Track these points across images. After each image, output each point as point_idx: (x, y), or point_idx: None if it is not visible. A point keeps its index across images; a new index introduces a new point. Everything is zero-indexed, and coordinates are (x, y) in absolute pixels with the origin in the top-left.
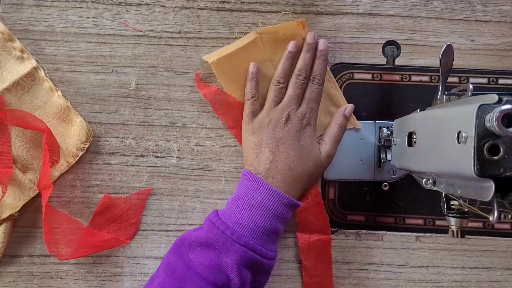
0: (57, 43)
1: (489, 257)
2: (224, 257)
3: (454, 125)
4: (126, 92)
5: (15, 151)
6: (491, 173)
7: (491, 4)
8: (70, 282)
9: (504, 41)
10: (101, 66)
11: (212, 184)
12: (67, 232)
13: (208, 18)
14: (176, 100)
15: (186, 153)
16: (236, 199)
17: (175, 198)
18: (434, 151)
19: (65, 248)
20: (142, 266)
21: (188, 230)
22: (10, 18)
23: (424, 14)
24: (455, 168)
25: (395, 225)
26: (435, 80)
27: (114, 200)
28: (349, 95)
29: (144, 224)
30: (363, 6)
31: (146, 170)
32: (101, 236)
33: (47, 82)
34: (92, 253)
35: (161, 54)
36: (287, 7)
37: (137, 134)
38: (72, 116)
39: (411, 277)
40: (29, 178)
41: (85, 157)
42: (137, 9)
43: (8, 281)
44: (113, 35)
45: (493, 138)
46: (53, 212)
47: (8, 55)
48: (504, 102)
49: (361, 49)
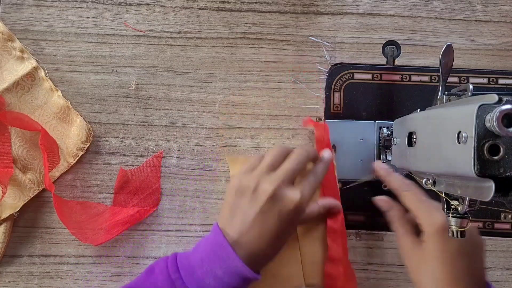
0: (57, 43)
1: (489, 257)
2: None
3: (454, 125)
4: (126, 92)
5: (15, 151)
6: (491, 173)
7: (491, 4)
8: (70, 282)
9: (504, 41)
10: (101, 66)
11: (212, 184)
12: (91, 218)
13: (208, 18)
14: (176, 100)
15: (186, 153)
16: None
17: (175, 198)
18: (434, 151)
19: (95, 233)
20: (142, 266)
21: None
22: (10, 18)
23: (424, 14)
24: (455, 168)
25: None
26: (435, 80)
27: (129, 173)
28: (349, 95)
29: (144, 224)
30: (363, 6)
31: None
32: (127, 211)
33: (47, 82)
34: (125, 229)
35: (161, 54)
36: (287, 7)
37: (137, 134)
38: (72, 116)
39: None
40: (29, 178)
41: (85, 157)
42: (137, 9)
43: (8, 281)
44: (113, 35)
45: (493, 138)
46: (65, 205)
47: (8, 55)
48: (504, 102)
49: (361, 49)
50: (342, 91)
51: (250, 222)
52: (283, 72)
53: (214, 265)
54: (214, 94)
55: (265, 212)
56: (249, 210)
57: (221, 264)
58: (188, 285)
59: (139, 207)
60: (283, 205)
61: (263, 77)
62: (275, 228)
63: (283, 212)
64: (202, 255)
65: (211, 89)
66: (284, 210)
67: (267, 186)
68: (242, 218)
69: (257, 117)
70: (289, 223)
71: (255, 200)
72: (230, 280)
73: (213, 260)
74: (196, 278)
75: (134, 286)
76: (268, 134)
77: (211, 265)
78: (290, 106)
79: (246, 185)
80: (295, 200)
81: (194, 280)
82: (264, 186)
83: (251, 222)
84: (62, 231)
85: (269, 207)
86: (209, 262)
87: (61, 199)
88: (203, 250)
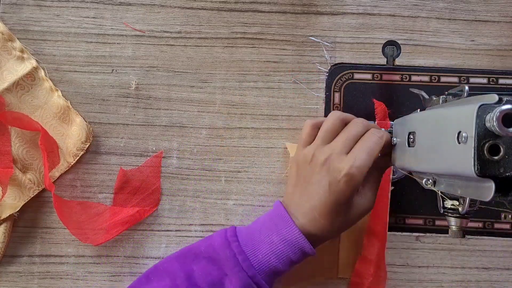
0: (57, 43)
1: (489, 257)
2: (227, 279)
3: (454, 125)
4: (126, 92)
5: (15, 151)
6: (491, 173)
7: (491, 4)
8: (70, 282)
9: (504, 41)
10: (101, 66)
11: (212, 184)
12: (91, 218)
13: (208, 18)
14: (176, 100)
15: (186, 153)
16: (260, 229)
17: (175, 198)
18: (434, 151)
19: (95, 233)
20: (142, 266)
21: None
22: (10, 18)
23: (424, 14)
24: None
25: (395, 225)
26: (435, 80)
27: (129, 173)
28: (349, 95)
29: (144, 224)
30: (363, 6)
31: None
32: (127, 211)
33: (47, 82)
34: (125, 229)
35: (161, 54)
36: (287, 7)
37: (137, 134)
38: (72, 116)
39: (411, 277)
40: (29, 178)
41: (85, 157)
42: (137, 9)
43: (8, 281)
44: (113, 35)
45: (493, 138)
46: (65, 205)
47: (8, 55)
48: (504, 102)
49: (361, 49)
50: (342, 91)
51: (306, 194)
52: (283, 72)
53: (272, 233)
54: (214, 94)
55: (318, 183)
56: (305, 182)
57: (279, 232)
58: (244, 248)
59: (139, 207)
60: (333, 175)
61: (263, 77)
62: (327, 199)
63: (333, 183)
64: (261, 225)
65: (211, 89)
66: (333, 181)
67: (320, 156)
68: (301, 190)
69: (257, 117)
70: (341, 194)
71: (310, 171)
72: (285, 248)
73: (271, 229)
74: (252, 242)
75: (191, 247)
76: (268, 134)
77: (269, 233)
78: (290, 106)
79: (302, 159)
80: (343, 170)
81: (250, 244)
82: (317, 157)
83: (307, 194)
84: (62, 231)
85: (321, 178)
86: (267, 230)
87: (61, 199)
88: (262, 221)
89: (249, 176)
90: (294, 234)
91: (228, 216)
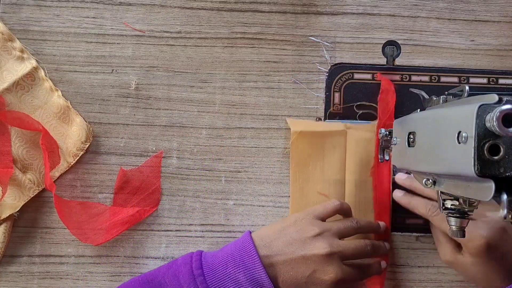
0: (57, 43)
1: None
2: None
3: (454, 125)
4: (126, 92)
5: (15, 151)
6: (491, 173)
7: (491, 4)
8: (70, 282)
9: (504, 41)
10: (101, 66)
11: (212, 184)
12: (91, 218)
13: (208, 18)
14: (176, 100)
15: (186, 153)
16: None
17: (175, 198)
18: (434, 151)
19: (95, 233)
20: (142, 266)
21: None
22: (10, 18)
23: (424, 14)
24: (455, 168)
25: (395, 225)
26: (435, 80)
27: (129, 173)
28: (349, 95)
29: (144, 224)
30: (363, 6)
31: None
32: (127, 211)
33: (47, 82)
34: (125, 229)
35: (161, 54)
36: (287, 7)
37: (137, 134)
38: (72, 116)
39: (411, 277)
40: (29, 178)
41: (85, 157)
42: (137, 9)
43: (8, 281)
44: (113, 35)
45: (493, 138)
46: (65, 205)
47: (8, 55)
48: (504, 102)
49: (361, 49)
50: (342, 91)
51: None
52: (283, 72)
53: (238, 270)
54: (214, 94)
55: (306, 261)
56: (296, 248)
57: (246, 271)
58: (209, 283)
59: (139, 207)
60: (324, 272)
61: (263, 77)
62: (305, 280)
63: (318, 278)
64: (228, 258)
65: (211, 89)
66: (320, 277)
67: (324, 246)
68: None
69: (257, 117)
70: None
71: (307, 246)
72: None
73: (237, 265)
74: (217, 278)
75: (156, 273)
76: (268, 134)
77: (235, 270)
78: (290, 106)
79: (309, 229)
80: (331, 277)
81: (215, 279)
82: (322, 245)
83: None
84: (62, 231)
85: (312, 262)
86: (233, 266)
87: (62, 199)
88: (230, 253)
89: (249, 176)
90: (263, 280)
91: (228, 216)
